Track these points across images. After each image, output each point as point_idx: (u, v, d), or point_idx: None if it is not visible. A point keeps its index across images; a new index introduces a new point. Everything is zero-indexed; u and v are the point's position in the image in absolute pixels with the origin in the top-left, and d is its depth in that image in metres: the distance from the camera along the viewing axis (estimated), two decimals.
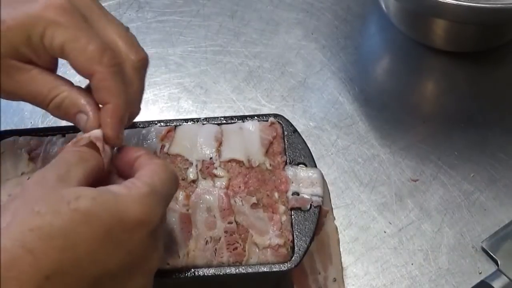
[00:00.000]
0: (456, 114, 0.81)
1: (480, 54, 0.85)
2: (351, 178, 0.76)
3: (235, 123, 0.62)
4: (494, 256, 0.70)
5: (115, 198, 0.44)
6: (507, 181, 0.75)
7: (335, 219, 0.63)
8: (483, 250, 0.71)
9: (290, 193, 0.58)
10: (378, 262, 0.71)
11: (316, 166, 0.61)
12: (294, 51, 0.86)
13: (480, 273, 0.70)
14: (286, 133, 0.61)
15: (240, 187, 0.59)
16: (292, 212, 0.58)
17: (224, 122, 0.62)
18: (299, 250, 0.56)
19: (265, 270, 0.55)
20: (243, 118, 0.62)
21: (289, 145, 0.61)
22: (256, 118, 0.62)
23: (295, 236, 0.57)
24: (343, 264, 0.68)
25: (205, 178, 0.59)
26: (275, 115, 0.62)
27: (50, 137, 0.61)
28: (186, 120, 0.62)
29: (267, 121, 0.62)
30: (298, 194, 0.58)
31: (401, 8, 0.84)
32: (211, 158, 0.60)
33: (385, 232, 0.72)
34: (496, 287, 0.67)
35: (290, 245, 0.56)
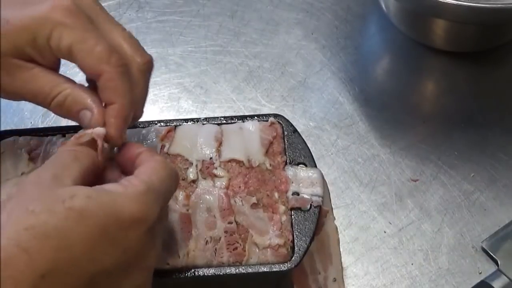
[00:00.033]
0: (456, 114, 0.81)
1: (480, 54, 0.84)
2: (351, 178, 0.76)
3: (235, 123, 0.62)
4: (494, 256, 0.70)
5: (110, 196, 0.45)
6: (507, 181, 0.75)
7: (335, 219, 0.63)
8: (483, 250, 0.71)
9: (290, 193, 0.58)
10: (378, 262, 0.71)
11: (316, 166, 0.61)
12: (294, 51, 0.86)
13: (480, 273, 0.70)
14: (286, 133, 0.61)
15: (240, 187, 0.59)
16: (292, 212, 0.58)
17: (224, 122, 0.62)
18: (299, 250, 0.56)
19: (265, 270, 0.55)
20: (243, 118, 0.62)
21: (289, 145, 0.61)
22: (256, 118, 0.62)
23: (295, 236, 0.57)
24: (343, 264, 0.68)
25: (205, 178, 0.59)
26: (275, 115, 0.62)
27: (50, 137, 0.61)
28: (186, 120, 0.62)
29: (267, 121, 0.62)
30: (298, 194, 0.58)
31: (401, 8, 0.84)
32: (211, 158, 0.60)
33: (385, 232, 0.72)
34: (496, 287, 0.67)
35: (290, 245, 0.56)
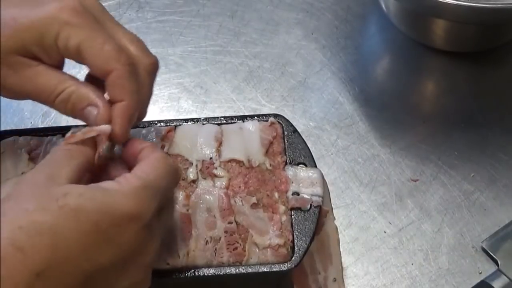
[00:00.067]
0: (456, 114, 0.81)
1: (480, 54, 0.84)
2: (351, 178, 0.76)
3: (235, 123, 0.62)
4: (494, 256, 0.70)
5: (103, 193, 0.45)
6: (507, 181, 0.75)
7: (335, 219, 0.63)
8: (483, 250, 0.71)
9: (290, 193, 0.58)
10: (378, 262, 0.71)
11: (316, 166, 0.61)
12: (294, 51, 0.86)
13: (480, 273, 0.70)
14: (286, 133, 0.61)
15: (240, 187, 0.59)
16: (292, 212, 0.58)
17: (224, 122, 0.62)
18: (299, 250, 0.56)
19: (265, 270, 0.55)
20: (243, 118, 0.62)
21: (289, 145, 0.61)
22: (256, 118, 0.62)
23: (295, 236, 0.57)
24: (343, 264, 0.68)
25: (205, 178, 0.59)
26: (275, 115, 0.62)
27: (50, 137, 0.61)
28: (186, 120, 0.62)
29: (267, 121, 0.62)
30: (298, 194, 0.58)
31: (401, 8, 0.84)
32: (211, 158, 0.60)
33: (385, 232, 0.72)
34: (496, 287, 0.67)
35: (290, 245, 0.56)
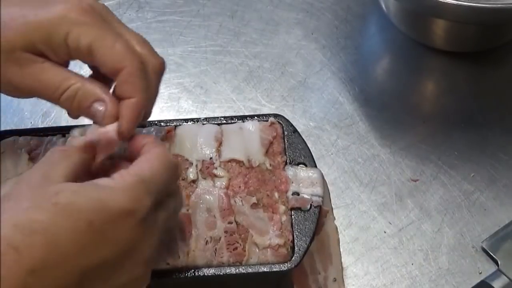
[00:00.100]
0: (456, 114, 0.81)
1: (480, 54, 0.84)
2: (351, 178, 0.76)
3: (235, 123, 0.62)
4: (494, 256, 0.70)
5: (98, 190, 0.45)
6: (507, 181, 0.75)
7: (335, 219, 0.63)
8: (483, 250, 0.71)
9: (290, 193, 0.58)
10: (378, 262, 0.71)
11: (316, 166, 0.61)
12: (294, 51, 0.86)
13: (480, 273, 0.70)
14: (286, 133, 0.61)
15: (240, 187, 0.59)
16: (292, 212, 0.58)
17: (224, 122, 0.62)
18: (299, 250, 0.56)
19: (265, 270, 0.55)
20: (243, 118, 0.62)
21: (289, 145, 0.61)
22: (256, 118, 0.62)
23: (295, 236, 0.57)
24: (343, 264, 0.68)
25: (205, 178, 0.59)
26: (275, 115, 0.62)
27: (50, 137, 0.61)
28: (186, 120, 0.62)
29: (267, 121, 0.62)
30: (298, 194, 0.58)
31: (401, 8, 0.84)
32: (211, 158, 0.60)
33: (385, 232, 0.72)
34: (496, 287, 0.67)
35: (290, 245, 0.56)
